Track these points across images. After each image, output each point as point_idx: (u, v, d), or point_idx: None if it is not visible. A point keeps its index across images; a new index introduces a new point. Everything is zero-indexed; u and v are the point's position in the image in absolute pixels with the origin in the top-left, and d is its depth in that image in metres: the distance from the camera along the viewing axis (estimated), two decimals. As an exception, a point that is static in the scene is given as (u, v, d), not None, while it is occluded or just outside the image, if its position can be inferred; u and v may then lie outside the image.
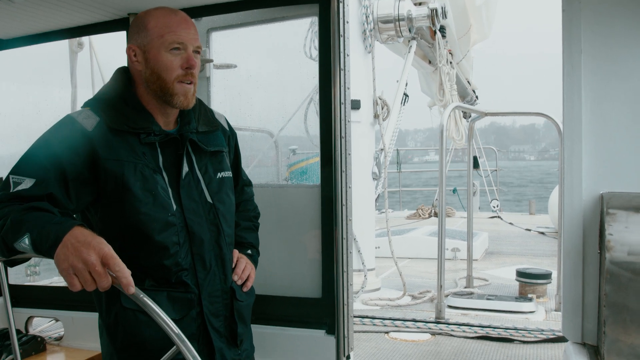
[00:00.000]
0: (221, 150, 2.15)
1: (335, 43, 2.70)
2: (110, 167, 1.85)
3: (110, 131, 1.89)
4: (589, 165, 2.06)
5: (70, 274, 1.55)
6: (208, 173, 2.07)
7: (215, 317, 2.05)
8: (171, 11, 1.97)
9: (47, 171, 1.78)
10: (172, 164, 1.99)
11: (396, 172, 14.11)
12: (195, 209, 2.00)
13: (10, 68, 3.84)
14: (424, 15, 5.60)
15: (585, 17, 2.05)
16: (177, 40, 1.92)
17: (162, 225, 1.91)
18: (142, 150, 1.92)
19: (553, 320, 4.60)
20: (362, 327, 4.43)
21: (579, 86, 2.07)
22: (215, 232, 2.06)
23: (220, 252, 2.07)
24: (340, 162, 2.72)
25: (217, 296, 2.06)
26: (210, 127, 2.13)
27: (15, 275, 3.57)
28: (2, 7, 2.81)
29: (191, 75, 1.95)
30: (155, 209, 1.90)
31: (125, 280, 1.58)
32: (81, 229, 1.61)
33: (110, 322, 1.97)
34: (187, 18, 1.97)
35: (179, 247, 1.95)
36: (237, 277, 2.16)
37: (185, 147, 2.01)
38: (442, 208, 4.74)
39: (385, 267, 6.54)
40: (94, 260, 1.55)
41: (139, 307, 1.87)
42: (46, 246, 1.59)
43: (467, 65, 9.67)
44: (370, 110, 5.39)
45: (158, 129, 1.97)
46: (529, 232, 10.36)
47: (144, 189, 1.88)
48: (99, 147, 1.85)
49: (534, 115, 5.35)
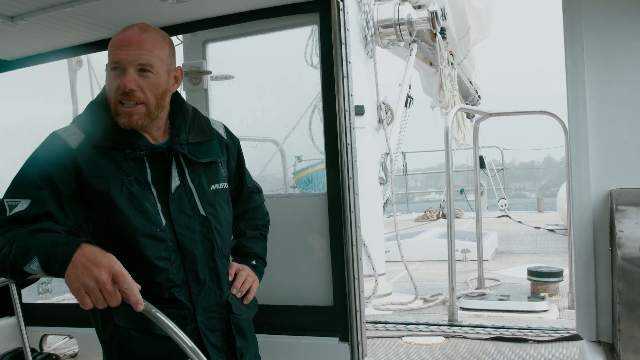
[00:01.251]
0: (215, 161, 2.10)
1: (337, 51, 2.71)
2: (95, 184, 1.84)
3: (95, 148, 1.87)
4: (596, 162, 2.05)
5: (82, 293, 1.56)
6: (202, 185, 2.02)
7: (211, 332, 2.01)
8: (125, 28, 1.89)
9: (41, 190, 1.78)
10: (161, 178, 1.95)
11: (402, 175, 14.10)
12: (187, 223, 1.96)
13: (16, 87, 3.88)
14: (424, 19, 5.60)
15: (586, 16, 2.05)
16: (114, 60, 1.85)
17: (150, 241, 1.88)
18: (128, 166, 1.89)
19: (567, 318, 4.58)
20: (375, 332, 4.42)
21: (583, 84, 2.07)
22: (209, 246, 2.01)
23: (214, 266, 2.03)
24: (347, 169, 2.72)
25: (213, 311, 2.02)
26: (202, 138, 2.07)
27: (28, 293, 3.59)
28: (5, 28, 2.83)
29: (127, 96, 1.85)
30: (143, 225, 1.87)
31: (134, 298, 1.59)
32: (89, 247, 1.61)
33: (105, 340, 1.98)
34: (133, 35, 1.86)
35: (169, 262, 1.92)
36: (236, 291, 2.12)
37: (172, 160, 1.97)
38: (451, 209, 4.74)
39: (395, 271, 6.53)
40: (105, 279, 1.55)
41: (131, 325, 1.89)
42: (56, 267, 1.59)
43: (468, 66, 9.67)
44: (374, 115, 5.39)
45: (144, 143, 1.92)
46: (539, 230, 10.32)
47: (130, 205, 1.86)
48: (83, 164, 1.84)
49: (538, 113, 5.33)
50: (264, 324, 2.78)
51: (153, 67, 1.87)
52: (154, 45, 1.88)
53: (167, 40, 1.96)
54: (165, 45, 1.94)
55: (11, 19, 2.72)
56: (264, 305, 2.30)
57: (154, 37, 1.89)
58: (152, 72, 1.87)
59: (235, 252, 2.27)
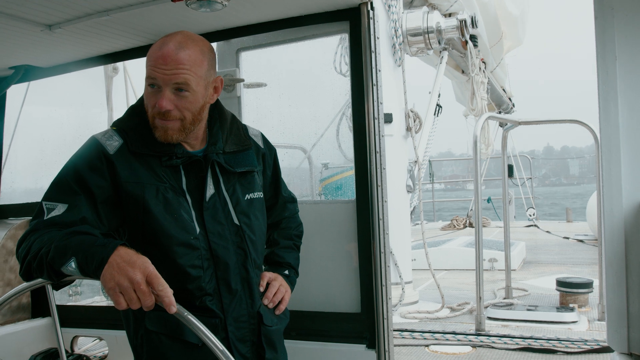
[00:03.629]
0: (251, 171, 2.10)
1: (367, 59, 2.72)
2: (132, 190, 1.86)
3: (132, 154, 1.89)
4: (628, 172, 2.03)
5: (116, 293, 1.59)
6: (236, 194, 2.03)
7: (241, 342, 2.01)
8: (162, 42, 1.86)
9: (77, 196, 1.81)
10: (196, 186, 1.96)
11: (429, 183, 14.04)
12: (221, 231, 1.97)
13: (52, 93, 3.97)
14: (453, 27, 5.59)
15: (618, 23, 2.03)
16: (151, 75, 1.86)
17: (184, 249, 1.89)
18: (164, 173, 1.91)
19: (597, 330, 4.51)
20: (401, 340, 4.41)
21: (615, 93, 2.05)
22: (242, 255, 2.02)
23: (247, 275, 2.03)
24: (376, 176, 2.73)
25: (244, 321, 2.02)
26: (239, 147, 2.08)
27: (59, 295, 3.67)
28: (43, 37, 2.91)
29: (163, 116, 1.86)
30: (177, 232, 1.88)
31: (167, 300, 1.61)
32: (125, 249, 1.65)
33: (136, 344, 1.99)
34: (170, 53, 1.83)
35: (202, 271, 1.92)
36: (267, 301, 2.11)
37: (207, 169, 1.98)
38: (478, 218, 4.70)
39: (422, 280, 6.50)
40: (140, 279, 1.58)
41: (162, 330, 1.91)
42: (92, 268, 1.62)
43: (501, 73, 9.59)
44: (402, 123, 5.39)
45: (180, 151, 1.94)
46: (567, 240, 10.17)
47: (165, 212, 1.87)
48: (121, 170, 1.86)
49: (569, 122, 5.27)
50: (291, 330, 2.79)
51: (190, 86, 1.85)
52: (192, 63, 1.85)
53: (207, 53, 1.93)
54: (204, 60, 1.91)
55: (49, 27, 2.79)
56: (292, 311, 2.31)
57: (191, 53, 1.86)
58: (188, 91, 1.86)
59: (268, 261, 2.27)
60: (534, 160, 16.81)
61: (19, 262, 1.76)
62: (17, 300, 3.51)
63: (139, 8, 2.62)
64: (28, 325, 3.54)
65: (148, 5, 2.59)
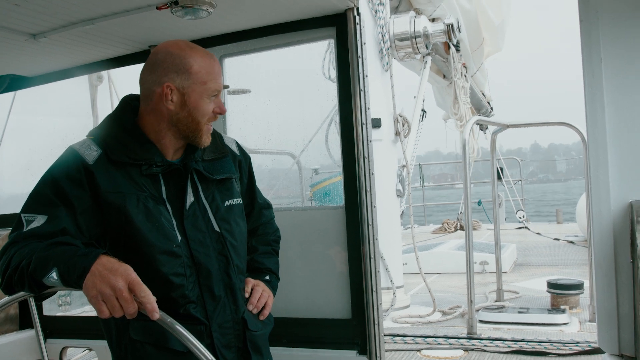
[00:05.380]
0: (229, 177, 2.11)
1: (354, 65, 2.72)
2: (112, 199, 1.85)
3: (111, 163, 1.88)
4: (616, 173, 2.03)
5: (99, 301, 1.58)
6: (215, 201, 2.04)
7: (226, 348, 2.01)
8: (210, 56, 1.98)
9: (56, 207, 1.80)
10: (176, 194, 1.97)
11: (419, 187, 14.06)
12: (202, 239, 1.97)
13: (37, 102, 3.94)
14: (440, 31, 5.61)
15: (603, 26, 2.04)
16: (219, 89, 1.97)
17: (166, 257, 1.89)
18: (143, 182, 1.91)
19: (588, 331, 4.52)
20: (393, 345, 4.40)
21: (601, 94, 2.06)
22: (224, 262, 2.02)
23: (230, 281, 2.03)
24: (365, 182, 2.73)
25: (228, 327, 2.02)
26: (217, 154, 2.10)
27: (48, 306, 3.64)
28: (27, 46, 2.89)
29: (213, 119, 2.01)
30: (159, 241, 1.88)
31: (150, 306, 1.60)
32: (107, 257, 1.64)
33: (120, 354, 1.98)
34: (217, 62, 2.01)
35: (185, 278, 1.92)
36: (252, 307, 2.11)
37: (187, 177, 1.99)
38: (469, 221, 4.71)
39: (413, 284, 6.49)
40: (122, 286, 1.57)
41: (147, 339, 1.89)
42: (74, 277, 1.61)
43: (481, 78, 9.64)
44: (391, 128, 5.39)
45: (160, 159, 1.94)
46: (558, 242, 10.21)
47: (146, 221, 1.87)
48: (100, 180, 1.85)
49: (556, 124, 5.30)
50: (282, 337, 2.79)
51: None
52: None
53: None
54: None
55: (33, 36, 2.78)
56: (282, 318, 2.30)
57: None
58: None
59: (248, 268, 2.26)
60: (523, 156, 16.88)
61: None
62: (4, 312, 3.47)
63: (124, 16, 2.61)
64: (15, 337, 3.50)
65: (133, 14, 2.58)
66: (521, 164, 15.87)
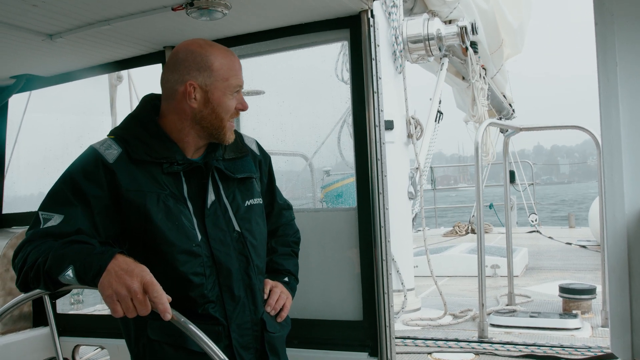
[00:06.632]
0: (250, 177, 2.10)
1: (367, 67, 2.73)
2: (133, 198, 1.85)
3: (132, 162, 1.88)
4: (630, 178, 2.02)
5: (113, 300, 1.59)
6: (236, 201, 2.03)
7: (245, 349, 1.99)
8: (230, 53, 2.00)
9: (73, 206, 1.80)
10: (197, 193, 1.96)
11: (431, 189, 14.02)
12: (222, 238, 1.96)
13: (54, 102, 3.98)
14: (454, 34, 5.59)
15: (618, 29, 2.03)
16: (241, 84, 2.00)
17: (186, 256, 1.88)
18: (165, 180, 1.91)
19: (600, 336, 4.48)
20: (404, 348, 4.39)
21: (616, 99, 2.05)
22: (244, 262, 2.01)
23: (249, 282, 2.01)
24: (377, 184, 2.73)
25: (247, 328, 2.00)
26: (238, 154, 2.09)
27: (61, 304, 3.67)
28: (44, 46, 2.92)
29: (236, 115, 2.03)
30: (179, 240, 1.87)
31: (162, 307, 1.60)
32: (123, 257, 1.65)
33: (138, 353, 1.98)
34: (238, 59, 2.03)
35: (204, 278, 1.91)
36: (270, 308, 2.10)
37: (209, 175, 1.99)
38: (480, 224, 4.69)
39: (424, 287, 6.47)
40: (137, 287, 1.58)
41: (164, 339, 1.90)
42: (90, 276, 1.62)
43: (502, 80, 9.59)
44: (403, 130, 5.38)
45: (181, 158, 1.94)
46: (570, 246, 10.14)
47: (166, 219, 1.86)
48: (121, 179, 1.85)
49: (570, 128, 5.26)
50: (293, 338, 2.79)
51: None
52: None
53: None
54: None
55: (50, 36, 2.80)
56: (294, 319, 2.30)
57: None
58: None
59: (267, 269, 2.25)
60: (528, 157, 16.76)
61: (15, 273, 1.75)
62: (18, 309, 3.50)
63: (140, 17, 2.62)
64: (29, 335, 3.54)
65: (149, 14, 2.60)
66: (533, 167, 15.77)
